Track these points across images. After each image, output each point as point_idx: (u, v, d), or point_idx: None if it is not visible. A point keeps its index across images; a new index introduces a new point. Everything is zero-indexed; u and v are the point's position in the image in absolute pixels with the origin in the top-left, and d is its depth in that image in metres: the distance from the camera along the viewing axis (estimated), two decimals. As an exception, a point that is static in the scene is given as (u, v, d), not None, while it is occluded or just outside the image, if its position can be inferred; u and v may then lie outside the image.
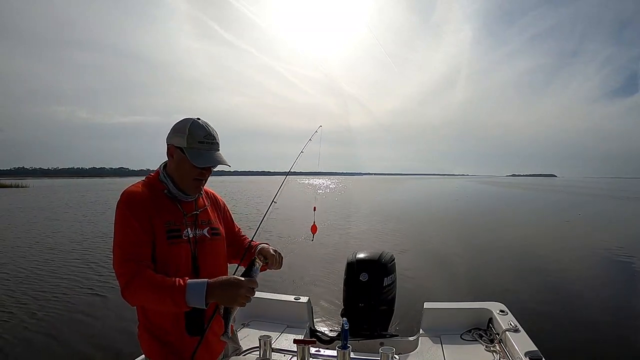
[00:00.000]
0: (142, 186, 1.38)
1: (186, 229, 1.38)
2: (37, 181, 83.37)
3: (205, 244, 1.43)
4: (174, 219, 1.36)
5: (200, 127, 1.35)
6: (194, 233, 1.40)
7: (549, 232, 12.27)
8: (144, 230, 1.28)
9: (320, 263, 7.46)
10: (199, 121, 1.37)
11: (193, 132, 1.33)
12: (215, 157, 1.37)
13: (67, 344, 4.12)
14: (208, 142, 1.35)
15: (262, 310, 2.66)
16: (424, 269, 7.21)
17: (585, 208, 22.05)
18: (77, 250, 8.93)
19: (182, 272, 1.32)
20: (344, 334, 1.54)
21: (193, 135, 1.33)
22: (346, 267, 2.60)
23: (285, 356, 2.03)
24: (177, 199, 1.40)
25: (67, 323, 4.67)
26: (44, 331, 4.44)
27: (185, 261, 1.36)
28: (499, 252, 8.92)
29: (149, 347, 1.38)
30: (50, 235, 11.26)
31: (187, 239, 1.37)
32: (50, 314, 4.93)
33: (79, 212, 17.79)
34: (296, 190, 32.43)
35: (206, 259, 1.41)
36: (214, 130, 1.38)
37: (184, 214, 1.39)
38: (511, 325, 2.15)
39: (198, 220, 1.44)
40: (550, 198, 31.75)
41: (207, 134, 1.35)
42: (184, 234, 1.36)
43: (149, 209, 1.31)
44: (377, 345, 2.27)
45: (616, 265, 7.79)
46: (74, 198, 28.26)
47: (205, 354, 1.40)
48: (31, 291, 5.84)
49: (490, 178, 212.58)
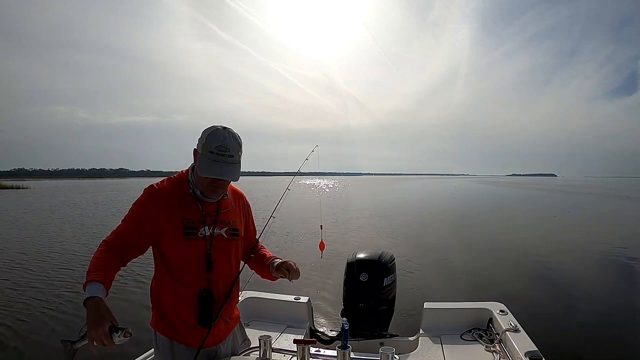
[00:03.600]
0: (169, 183, 1.46)
1: (204, 227, 1.44)
2: (38, 182, 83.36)
3: (221, 243, 1.49)
4: (193, 217, 1.43)
5: (216, 137, 1.36)
6: (212, 232, 1.46)
7: (549, 232, 12.26)
8: (145, 220, 1.39)
9: (320, 263, 7.46)
10: (220, 130, 1.37)
11: (208, 140, 1.36)
12: (219, 169, 1.35)
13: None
14: (218, 154, 1.35)
15: (262, 310, 2.66)
16: (424, 269, 7.21)
17: (585, 207, 22.06)
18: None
19: (195, 267, 1.43)
20: (344, 334, 1.54)
21: (207, 143, 1.36)
22: (346, 267, 2.59)
23: (285, 356, 2.03)
24: (199, 199, 1.45)
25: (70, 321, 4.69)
26: (47, 328, 4.45)
27: (199, 257, 1.44)
28: (499, 252, 8.92)
29: (156, 323, 1.50)
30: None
31: (202, 237, 1.44)
32: (59, 309, 4.94)
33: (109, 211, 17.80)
34: (298, 190, 32.41)
35: (220, 257, 1.49)
36: (233, 141, 1.37)
37: (203, 213, 1.45)
38: (511, 325, 2.15)
39: (218, 220, 1.49)
40: (550, 197, 31.75)
41: (220, 145, 1.34)
42: (200, 231, 1.43)
43: (168, 206, 1.40)
44: (377, 345, 2.27)
45: (616, 265, 7.79)
46: (96, 198, 28.27)
47: (209, 340, 1.46)
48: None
49: (490, 178, 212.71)
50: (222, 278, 1.51)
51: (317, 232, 11.67)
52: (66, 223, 14.04)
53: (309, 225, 12.21)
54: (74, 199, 28.23)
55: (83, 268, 7.19)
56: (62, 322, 4.72)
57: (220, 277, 1.50)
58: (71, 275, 6.75)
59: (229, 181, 1.44)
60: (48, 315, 4.92)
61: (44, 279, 6.54)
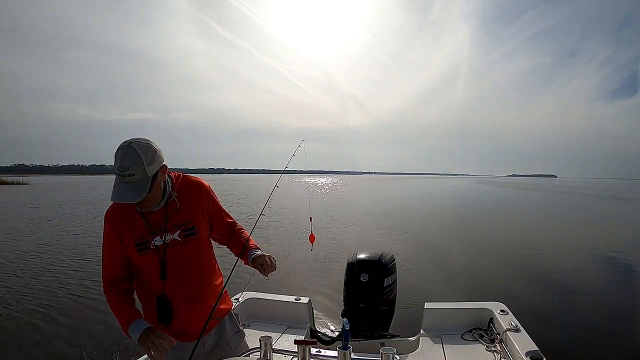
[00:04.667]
0: (117, 204, 1.44)
1: (154, 238, 1.47)
2: (40, 178, 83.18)
3: (177, 247, 1.50)
4: (140, 232, 1.46)
5: (116, 156, 1.31)
6: (164, 239, 1.48)
7: (549, 232, 12.25)
8: (114, 245, 1.48)
9: (320, 264, 7.46)
10: (120, 148, 1.31)
11: (114, 160, 1.32)
12: (117, 192, 1.31)
13: (75, 342, 4.13)
14: (119, 174, 1.31)
15: (262, 311, 2.66)
16: (424, 269, 7.20)
17: (585, 208, 22.05)
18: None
19: (153, 276, 1.49)
20: (345, 334, 1.54)
21: (114, 163, 1.32)
22: (346, 267, 2.59)
23: (286, 357, 2.03)
24: (143, 212, 1.47)
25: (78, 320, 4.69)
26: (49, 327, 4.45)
27: (154, 269, 1.49)
28: (500, 252, 8.92)
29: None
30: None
31: (155, 248, 1.47)
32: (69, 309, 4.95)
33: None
34: (293, 188, 32.43)
35: (175, 264, 1.50)
36: (134, 157, 1.29)
37: (148, 226, 1.47)
38: (512, 325, 2.15)
39: (168, 226, 1.49)
40: (550, 198, 31.75)
41: (119, 165, 1.29)
42: (151, 244, 1.47)
43: (120, 227, 1.47)
44: (378, 345, 2.27)
45: (616, 265, 7.79)
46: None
47: (185, 336, 1.53)
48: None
49: (489, 178, 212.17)
50: (182, 281, 1.51)
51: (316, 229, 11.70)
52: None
53: (309, 224, 12.17)
54: (85, 194, 28.23)
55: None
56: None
57: (178, 281, 1.51)
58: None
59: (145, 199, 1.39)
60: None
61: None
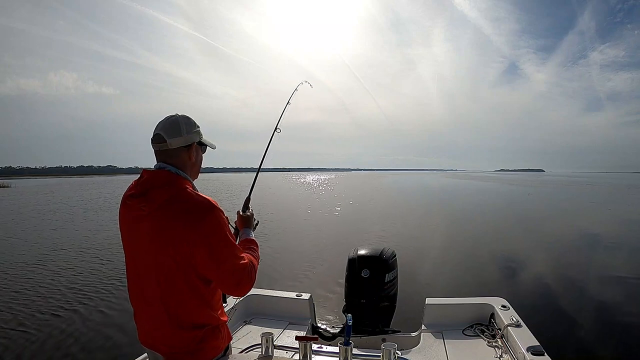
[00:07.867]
0: None
1: None
2: (29, 181, 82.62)
3: None
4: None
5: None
6: None
7: (549, 228, 12.25)
8: None
9: (321, 260, 7.47)
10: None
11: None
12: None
13: (82, 344, 4.14)
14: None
15: (264, 308, 2.66)
16: (425, 265, 7.21)
17: (584, 202, 22.04)
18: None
19: None
20: (347, 330, 1.54)
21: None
22: (347, 263, 2.59)
23: (287, 353, 2.03)
24: None
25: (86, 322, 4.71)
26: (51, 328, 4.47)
27: None
28: (500, 248, 8.92)
29: None
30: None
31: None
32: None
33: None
34: (299, 189, 32.09)
35: None
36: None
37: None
38: (513, 320, 2.15)
39: None
40: (545, 192, 31.77)
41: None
42: None
43: None
44: (379, 341, 2.27)
45: (618, 261, 7.77)
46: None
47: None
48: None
49: (478, 173, 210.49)
50: None
51: (314, 224, 11.74)
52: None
53: (307, 222, 12.18)
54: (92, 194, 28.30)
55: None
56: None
57: None
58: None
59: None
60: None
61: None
